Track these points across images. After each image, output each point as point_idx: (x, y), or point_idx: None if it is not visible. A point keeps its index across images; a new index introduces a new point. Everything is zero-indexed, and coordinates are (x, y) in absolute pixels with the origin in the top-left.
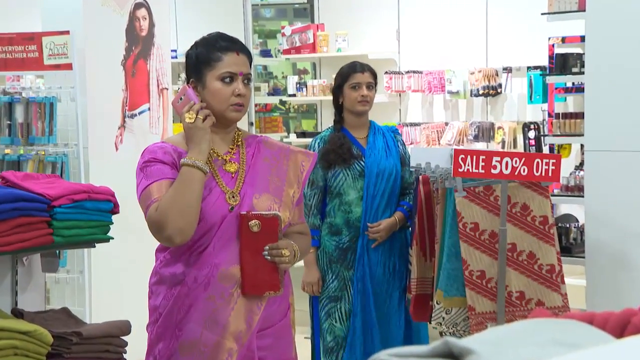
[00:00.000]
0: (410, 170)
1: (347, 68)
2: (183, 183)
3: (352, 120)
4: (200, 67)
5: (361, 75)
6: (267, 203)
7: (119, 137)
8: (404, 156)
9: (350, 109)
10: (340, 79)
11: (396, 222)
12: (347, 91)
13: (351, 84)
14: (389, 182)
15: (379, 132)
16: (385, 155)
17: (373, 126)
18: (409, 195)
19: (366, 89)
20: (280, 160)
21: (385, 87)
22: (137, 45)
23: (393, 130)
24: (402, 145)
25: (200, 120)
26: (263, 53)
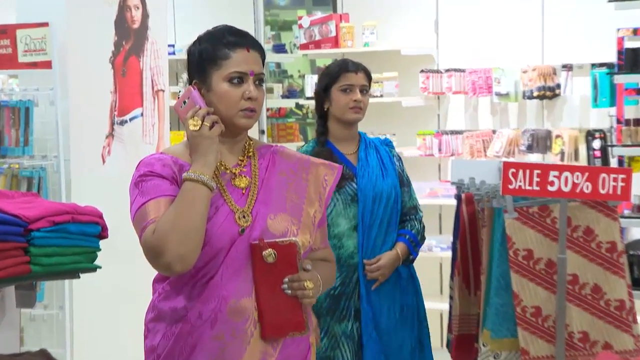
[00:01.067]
0: (409, 192)
1: (337, 66)
2: (185, 201)
3: (340, 131)
4: (204, 65)
5: (354, 76)
6: (283, 224)
7: (107, 147)
8: (402, 175)
9: (339, 116)
10: (328, 80)
11: (398, 255)
12: (335, 95)
13: (341, 85)
14: (388, 208)
15: (370, 145)
16: (381, 175)
17: (363, 139)
18: (410, 222)
19: (360, 92)
20: (299, 174)
21: (421, 88)
22: (128, 40)
23: (387, 144)
24: (399, 162)
25: (206, 127)
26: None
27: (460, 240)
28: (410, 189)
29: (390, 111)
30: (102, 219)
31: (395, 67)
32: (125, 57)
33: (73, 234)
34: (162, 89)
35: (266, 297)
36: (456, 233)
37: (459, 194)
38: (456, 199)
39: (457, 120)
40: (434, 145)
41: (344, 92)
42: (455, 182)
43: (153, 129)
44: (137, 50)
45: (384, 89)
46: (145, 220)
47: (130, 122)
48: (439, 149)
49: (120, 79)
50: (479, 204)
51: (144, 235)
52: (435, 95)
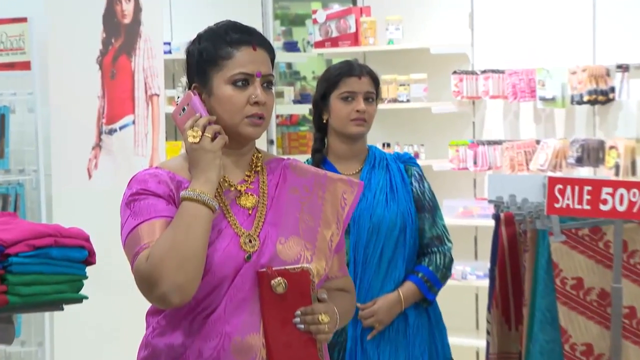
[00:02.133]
0: (432, 219)
1: (336, 69)
2: (183, 223)
3: (341, 147)
4: (204, 67)
5: (357, 82)
6: (295, 250)
7: (93, 160)
8: (421, 197)
9: (340, 130)
10: (326, 86)
11: (400, 298)
12: (335, 104)
13: (342, 93)
14: (390, 240)
15: (380, 164)
16: (385, 199)
17: (372, 155)
18: (430, 256)
19: (364, 101)
20: (314, 191)
21: (454, 92)
22: (118, 37)
23: (406, 159)
24: (419, 182)
25: (207, 139)
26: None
27: (498, 267)
28: (434, 215)
29: (418, 118)
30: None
31: (423, 67)
32: (114, 57)
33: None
34: (157, 93)
35: (276, 332)
36: (494, 259)
37: (497, 214)
38: (494, 220)
39: (495, 128)
40: (468, 157)
41: (345, 100)
42: (493, 200)
43: (146, 139)
44: (128, 49)
45: (411, 93)
46: (137, 245)
47: (120, 131)
48: (474, 161)
49: (108, 81)
50: (520, 225)
51: (137, 262)
52: (470, 100)
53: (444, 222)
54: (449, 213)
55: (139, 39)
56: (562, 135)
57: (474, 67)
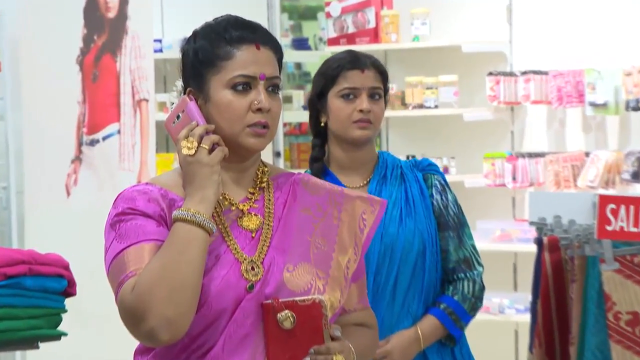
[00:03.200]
0: (458, 238)
1: (335, 62)
2: (175, 247)
3: (344, 155)
4: (200, 68)
5: (359, 75)
6: (305, 278)
7: (72, 175)
8: (444, 212)
9: (340, 134)
10: (323, 82)
11: (418, 335)
12: (334, 103)
13: (342, 89)
14: (407, 265)
15: (393, 173)
16: (399, 215)
17: (383, 163)
18: (455, 284)
19: (369, 98)
20: (329, 211)
21: (490, 96)
22: (101, 33)
23: (424, 167)
24: (442, 193)
25: (204, 151)
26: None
27: (541, 300)
28: (461, 233)
29: (448, 127)
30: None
31: (454, 68)
32: (97, 56)
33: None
34: (146, 98)
35: None
36: (536, 290)
37: (539, 238)
38: (536, 244)
39: (537, 139)
40: (506, 172)
41: (346, 98)
42: (535, 221)
43: (133, 151)
44: (113, 47)
45: (440, 97)
46: (122, 272)
47: (103, 141)
48: (513, 177)
49: (90, 84)
50: (566, 251)
51: (121, 292)
52: (508, 105)
53: (473, 241)
54: (484, 236)
55: (125, 36)
56: (615, 147)
57: (513, 68)
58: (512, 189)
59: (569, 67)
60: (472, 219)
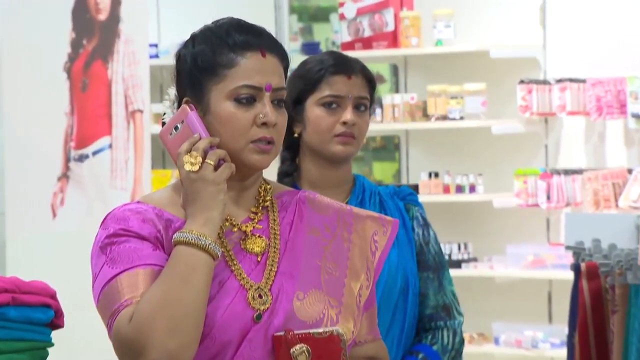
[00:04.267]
0: (438, 281)
1: (317, 64)
2: (177, 274)
3: (318, 173)
4: (200, 77)
5: (345, 82)
6: (317, 307)
7: (59, 194)
8: (425, 249)
9: (317, 148)
10: (301, 87)
11: None
12: (312, 112)
13: (324, 97)
14: (388, 304)
15: (372, 199)
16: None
17: (360, 187)
18: (433, 332)
19: (354, 109)
20: (338, 232)
21: (521, 107)
22: (91, 37)
23: (405, 196)
24: (424, 228)
25: (210, 167)
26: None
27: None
28: (441, 276)
29: (475, 141)
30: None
31: (482, 76)
32: (86, 63)
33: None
34: (140, 109)
35: None
36: (573, 322)
37: (577, 264)
38: (573, 271)
39: (573, 154)
40: (539, 190)
41: (327, 107)
42: (571, 245)
43: (126, 168)
44: (104, 53)
45: (466, 107)
46: (116, 301)
47: (93, 157)
48: (548, 196)
49: (79, 94)
50: (607, 278)
51: (117, 323)
52: (542, 117)
53: (454, 287)
54: (515, 263)
55: (117, 40)
56: None
57: (547, 75)
58: (546, 209)
59: (609, 75)
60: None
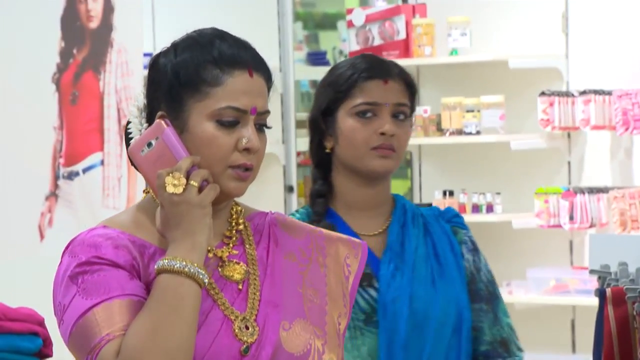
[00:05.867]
0: (493, 313)
1: (348, 68)
2: (167, 305)
3: (355, 192)
4: (179, 91)
5: (381, 87)
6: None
7: (47, 214)
8: (476, 278)
9: (353, 164)
10: (331, 95)
11: None
12: (345, 123)
13: (357, 105)
14: (441, 342)
15: (415, 221)
16: (430, 275)
17: (401, 208)
18: None
19: (392, 118)
20: (313, 256)
21: (542, 120)
22: (81, 47)
23: (451, 218)
24: (474, 253)
25: (194, 189)
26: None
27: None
28: (495, 308)
29: (492, 157)
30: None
31: (500, 87)
32: (76, 74)
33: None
34: None
35: None
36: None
37: (602, 289)
38: (598, 297)
39: (598, 171)
40: (561, 210)
41: (362, 117)
42: (596, 269)
43: (119, 185)
44: (96, 63)
45: (482, 121)
46: (95, 336)
47: (83, 174)
48: (571, 216)
49: (68, 107)
50: (634, 304)
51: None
52: (564, 131)
53: (510, 319)
54: (536, 287)
55: (110, 50)
56: None
57: (570, 87)
58: (569, 230)
59: (636, 86)
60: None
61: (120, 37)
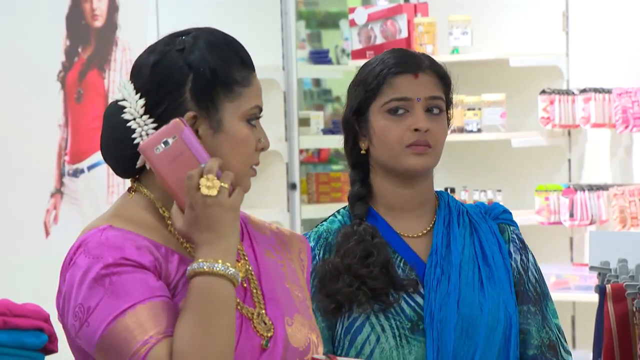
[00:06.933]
0: (541, 315)
1: (377, 64)
2: (215, 308)
3: (394, 193)
4: (217, 91)
5: (412, 82)
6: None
7: (52, 211)
8: (524, 278)
9: (388, 163)
10: (362, 94)
11: None
12: (377, 121)
13: (388, 102)
14: (491, 348)
15: (460, 219)
16: (478, 278)
17: (444, 206)
18: None
19: (425, 113)
20: (282, 252)
21: (543, 118)
22: (86, 45)
23: (499, 215)
24: (522, 252)
25: (226, 192)
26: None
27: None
28: (544, 309)
29: (494, 154)
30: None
31: (501, 86)
32: (81, 72)
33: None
34: None
35: None
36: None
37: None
38: (598, 293)
39: (598, 168)
40: (562, 207)
41: (393, 114)
42: (596, 266)
43: (124, 183)
44: (101, 61)
45: (483, 119)
46: (137, 339)
47: (88, 172)
48: (571, 213)
49: (73, 105)
50: (634, 301)
51: None
52: (565, 129)
53: (559, 320)
54: None
55: (114, 48)
56: None
57: (570, 85)
58: (569, 227)
59: (636, 84)
60: None
61: (125, 35)
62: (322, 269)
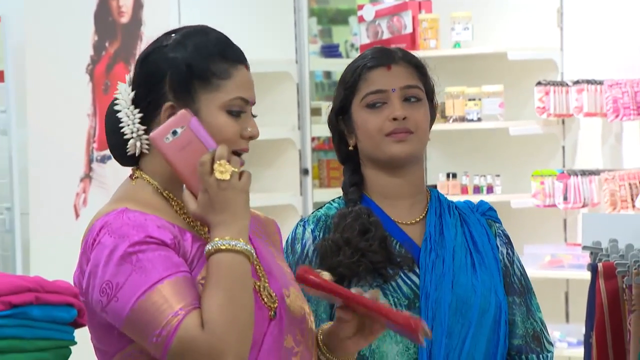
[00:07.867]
0: (526, 306)
1: (353, 62)
2: (239, 282)
3: (385, 182)
4: (193, 84)
5: (385, 74)
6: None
7: (82, 195)
8: (510, 270)
9: (373, 155)
10: (342, 93)
11: None
12: (358, 116)
13: (364, 97)
14: (483, 329)
15: (450, 211)
16: (471, 263)
17: (435, 199)
18: None
19: (403, 102)
20: (265, 234)
21: (539, 108)
22: (113, 40)
23: (486, 211)
24: (508, 247)
25: (237, 175)
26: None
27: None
28: (528, 301)
29: (493, 142)
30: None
31: (499, 77)
32: (108, 65)
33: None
34: None
35: None
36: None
37: (594, 264)
38: (590, 271)
39: (591, 155)
40: (556, 191)
41: (372, 108)
42: (588, 246)
43: None
44: (127, 55)
45: (483, 109)
46: (166, 311)
47: None
48: (565, 197)
49: (101, 96)
50: (624, 278)
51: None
52: (559, 118)
53: (541, 313)
54: (533, 262)
55: (139, 43)
56: None
57: (564, 77)
58: (563, 210)
59: (626, 76)
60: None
61: (149, 31)
62: (322, 246)
